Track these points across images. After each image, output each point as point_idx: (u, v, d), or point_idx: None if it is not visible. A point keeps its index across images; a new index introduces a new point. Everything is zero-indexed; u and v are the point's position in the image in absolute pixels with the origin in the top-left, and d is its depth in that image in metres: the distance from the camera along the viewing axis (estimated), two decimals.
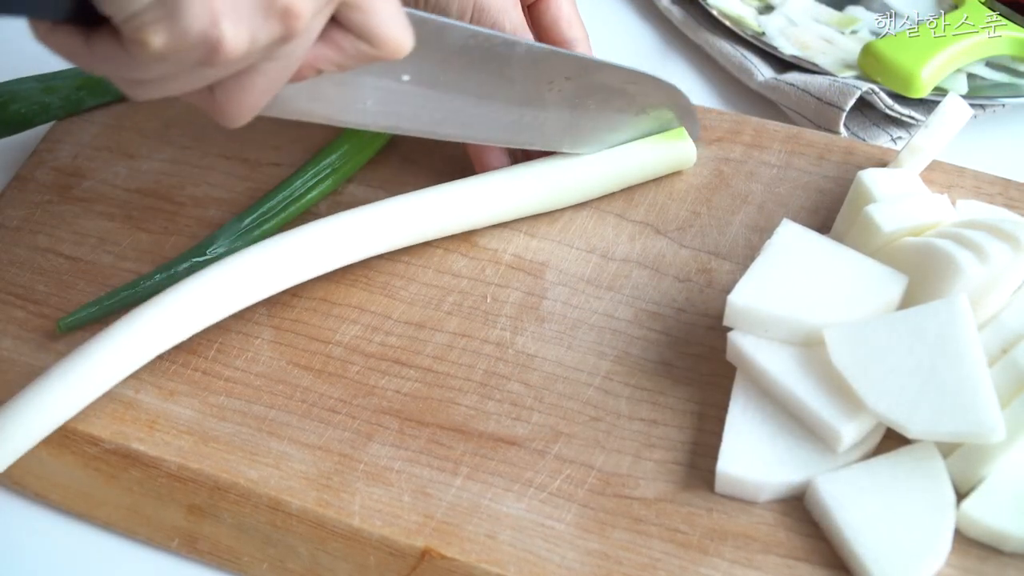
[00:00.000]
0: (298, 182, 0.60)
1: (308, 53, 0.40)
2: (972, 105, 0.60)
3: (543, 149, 0.57)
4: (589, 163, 0.58)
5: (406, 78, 0.49)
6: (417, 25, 0.45)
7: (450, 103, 0.52)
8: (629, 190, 0.60)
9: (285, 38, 0.37)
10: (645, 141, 0.59)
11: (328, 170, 0.61)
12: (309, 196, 0.60)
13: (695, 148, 0.59)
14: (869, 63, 0.67)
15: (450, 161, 0.63)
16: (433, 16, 0.48)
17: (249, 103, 0.40)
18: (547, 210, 0.58)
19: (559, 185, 0.58)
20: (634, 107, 0.57)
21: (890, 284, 0.48)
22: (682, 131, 0.59)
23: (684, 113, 0.60)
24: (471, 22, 0.53)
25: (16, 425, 0.48)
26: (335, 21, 0.40)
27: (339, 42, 0.41)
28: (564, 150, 0.57)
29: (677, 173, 0.60)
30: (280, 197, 0.60)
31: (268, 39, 0.37)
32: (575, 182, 0.58)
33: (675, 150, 0.59)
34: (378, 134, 0.63)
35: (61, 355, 0.54)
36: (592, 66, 0.55)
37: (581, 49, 0.58)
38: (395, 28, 0.41)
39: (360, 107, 0.50)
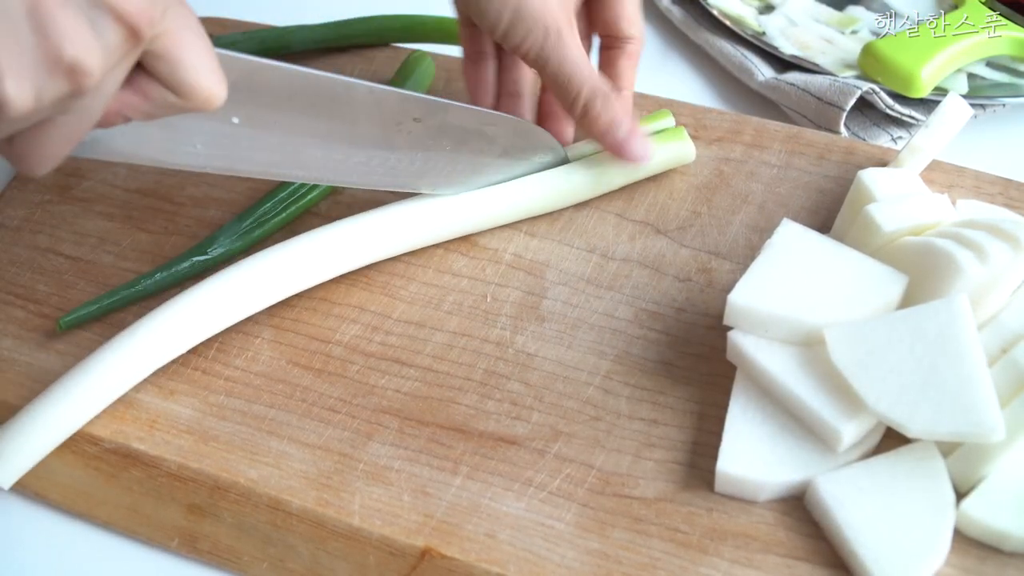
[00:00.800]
0: (298, 182, 0.60)
1: (113, 101, 0.39)
2: (972, 105, 0.60)
3: (399, 191, 0.55)
4: (588, 164, 0.58)
5: (236, 120, 0.46)
6: (239, 69, 0.43)
7: (288, 145, 0.49)
8: (629, 190, 0.60)
9: (75, 94, 0.36)
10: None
11: None
12: (309, 196, 0.60)
13: (694, 147, 0.59)
14: (869, 63, 0.67)
15: None
16: (256, 59, 0.45)
17: (48, 154, 0.39)
18: (548, 211, 0.58)
19: (559, 186, 0.58)
20: (495, 149, 0.55)
21: (890, 284, 0.48)
22: (681, 130, 0.59)
23: (556, 158, 0.58)
24: (507, 25, 0.52)
25: (25, 437, 0.49)
26: (144, 68, 0.38)
27: (147, 91, 0.39)
28: (423, 191, 0.56)
29: (678, 173, 0.60)
30: (280, 197, 0.60)
31: (56, 95, 0.35)
32: (575, 182, 0.58)
33: (674, 150, 0.59)
34: None
35: (61, 355, 0.55)
36: (441, 107, 0.53)
37: (634, 48, 0.58)
38: (205, 79, 0.39)
39: (189, 150, 0.47)
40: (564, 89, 0.54)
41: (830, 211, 0.57)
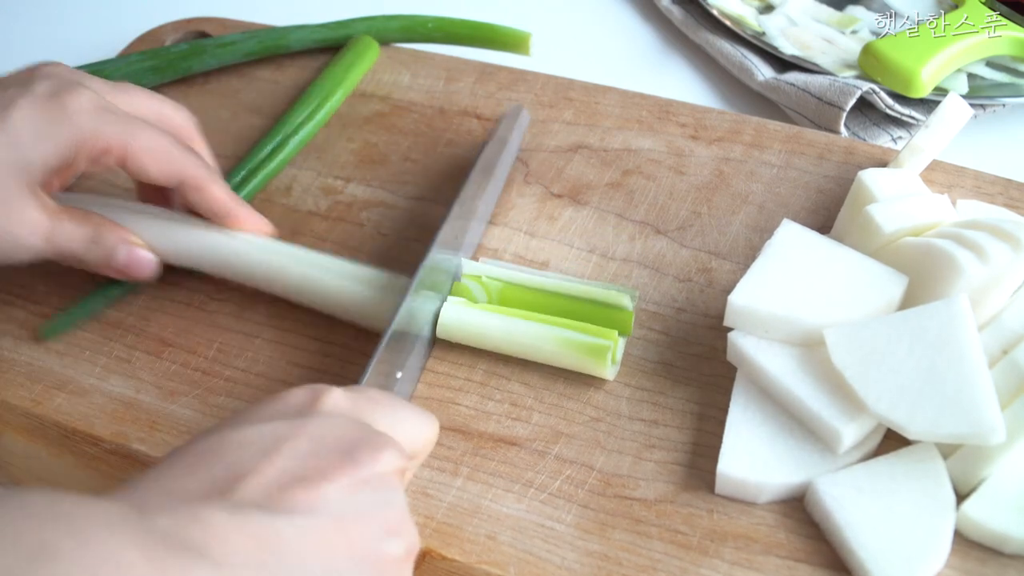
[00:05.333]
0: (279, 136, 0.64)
1: None
2: (972, 105, 0.60)
3: None
4: None
5: None
6: None
7: None
8: (629, 190, 0.60)
9: None
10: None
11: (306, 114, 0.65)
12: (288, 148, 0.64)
13: (614, 372, 0.51)
14: (869, 63, 0.67)
15: (450, 160, 0.63)
16: None
17: None
18: None
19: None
20: None
21: (890, 284, 0.48)
22: (606, 350, 0.50)
23: None
24: None
25: None
26: None
27: None
28: None
29: (677, 173, 0.60)
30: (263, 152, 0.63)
31: None
32: None
33: (583, 364, 0.51)
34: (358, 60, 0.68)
35: (60, 355, 0.55)
36: None
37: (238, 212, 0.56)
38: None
39: None
40: None
41: (830, 211, 0.57)
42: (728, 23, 0.73)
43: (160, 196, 0.58)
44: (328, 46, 0.72)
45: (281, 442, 0.38)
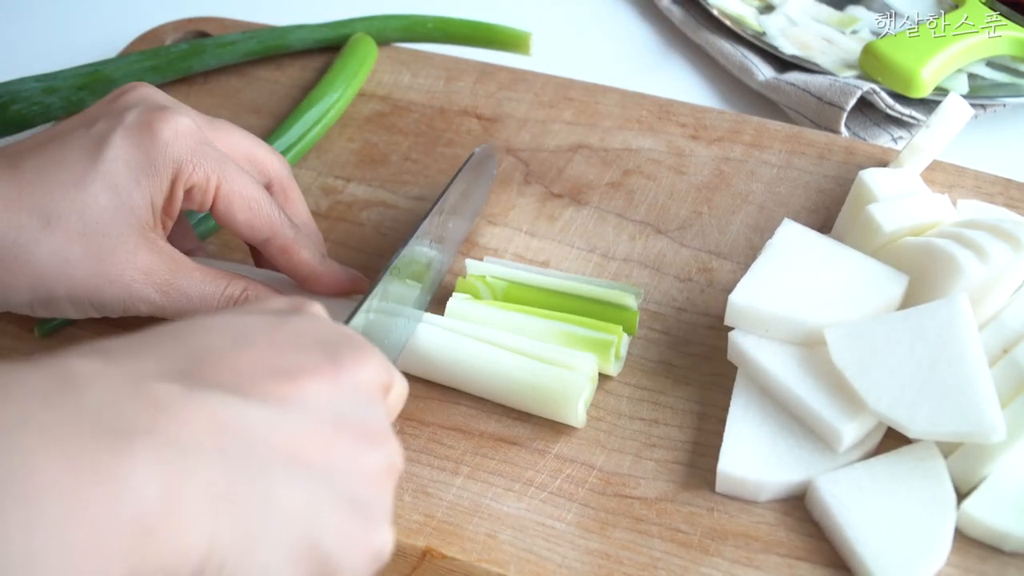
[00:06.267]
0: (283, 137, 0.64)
1: None
2: (973, 105, 0.60)
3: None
4: None
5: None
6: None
7: None
8: (629, 189, 0.60)
9: None
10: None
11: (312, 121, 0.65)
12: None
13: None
14: (870, 63, 0.67)
15: (450, 160, 0.63)
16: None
17: None
18: None
19: None
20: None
21: (891, 284, 0.48)
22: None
23: None
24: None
25: None
26: None
27: None
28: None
29: (677, 172, 0.60)
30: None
31: None
32: None
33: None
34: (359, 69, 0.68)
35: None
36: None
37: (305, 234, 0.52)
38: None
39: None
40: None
41: (830, 211, 0.57)
42: (728, 23, 0.73)
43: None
44: (328, 46, 0.72)
45: (258, 332, 0.33)
